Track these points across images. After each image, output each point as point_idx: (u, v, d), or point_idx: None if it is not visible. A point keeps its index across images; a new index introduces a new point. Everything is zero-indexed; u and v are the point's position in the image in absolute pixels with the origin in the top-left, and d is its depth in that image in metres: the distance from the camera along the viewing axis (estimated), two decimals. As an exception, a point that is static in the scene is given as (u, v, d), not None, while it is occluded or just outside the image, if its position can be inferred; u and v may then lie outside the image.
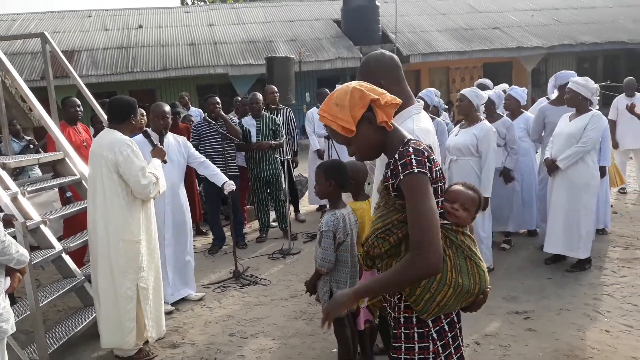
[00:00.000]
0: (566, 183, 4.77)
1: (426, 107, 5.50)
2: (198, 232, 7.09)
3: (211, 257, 6.11)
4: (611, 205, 6.76)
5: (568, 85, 4.82)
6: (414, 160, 1.68)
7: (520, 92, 5.88)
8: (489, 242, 4.94)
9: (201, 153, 6.08)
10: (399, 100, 1.82)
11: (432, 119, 5.51)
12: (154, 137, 4.43)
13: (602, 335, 3.69)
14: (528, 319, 4.00)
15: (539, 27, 18.69)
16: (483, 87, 6.46)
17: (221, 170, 5.77)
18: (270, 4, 20.82)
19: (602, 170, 5.68)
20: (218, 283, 5.21)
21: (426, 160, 1.70)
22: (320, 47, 16.66)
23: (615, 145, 7.80)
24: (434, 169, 1.74)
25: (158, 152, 4.04)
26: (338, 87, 6.29)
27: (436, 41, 17.38)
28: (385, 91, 1.84)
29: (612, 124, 7.82)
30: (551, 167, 4.83)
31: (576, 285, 4.61)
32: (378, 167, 2.31)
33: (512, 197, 5.42)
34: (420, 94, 5.57)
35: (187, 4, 26.54)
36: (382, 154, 1.89)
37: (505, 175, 5.32)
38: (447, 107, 6.67)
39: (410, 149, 1.71)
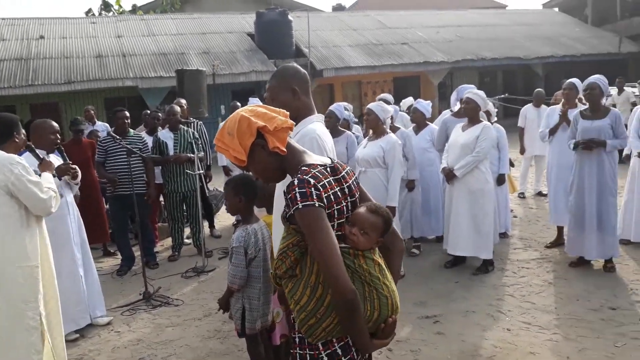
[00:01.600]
0: (464, 190, 5.06)
1: (337, 121, 5.61)
2: (106, 253, 6.75)
3: (119, 279, 5.83)
4: (511, 210, 7.21)
5: (467, 96, 5.10)
6: (298, 195, 1.68)
7: (425, 105, 6.15)
8: (399, 250, 5.09)
9: (107, 170, 5.85)
10: (291, 123, 1.85)
11: (343, 132, 5.64)
12: (41, 153, 4.18)
13: (504, 333, 3.91)
14: (437, 323, 4.16)
15: (444, 43, 19.68)
16: (385, 102, 6.74)
17: (128, 187, 5.57)
18: (181, 16, 20.42)
19: (502, 178, 6.07)
20: (127, 306, 4.98)
21: (312, 189, 1.68)
22: (234, 60, 16.53)
23: (522, 151, 8.36)
24: (327, 193, 1.72)
25: (47, 166, 3.76)
26: (251, 99, 6.27)
27: (348, 56, 17.81)
28: (276, 115, 1.84)
29: (521, 131, 8.39)
30: (449, 175, 5.10)
31: (481, 287, 4.85)
32: (279, 188, 2.36)
33: (412, 205, 5.69)
34: (330, 107, 5.66)
35: (93, 14, 25.40)
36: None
37: (409, 186, 5.57)
38: (357, 120, 6.83)
39: (295, 181, 1.71)
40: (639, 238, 5.54)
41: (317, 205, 1.67)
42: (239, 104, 7.24)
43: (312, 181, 1.70)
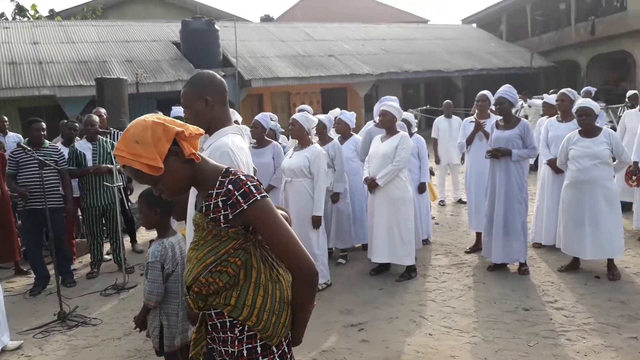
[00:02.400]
0: (385, 198, 5.18)
1: (263, 131, 5.59)
2: (18, 272, 6.33)
3: (32, 299, 5.47)
4: (433, 217, 7.46)
5: (382, 108, 5.24)
6: (252, 188, 1.69)
7: (349, 116, 6.26)
8: (324, 259, 5.12)
9: (19, 183, 5.51)
10: (201, 131, 1.79)
11: (269, 142, 5.62)
12: None
13: (426, 338, 4.01)
14: (362, 331, 4.20)
15: (369, 56, 20.18)
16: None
17: (41, 201, 5.26)
18: (103, 24, 19.70)
19: (423, 186, 6.28)
20: (39, 328, 4.67)
21: (260, 183, 1.74)
22: (159, 69, 16.14)
23: (438, 160, 8.66)
24: None
25: None
26: (174, 109, 6.09)
27: (276, 67, 17.86)
28: (186, 123, 1.80)
29: (435, 142, 8.70)
30: (371, 185, 5.20)
31: (404, 293, 4.97)
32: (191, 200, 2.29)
33: (338, 215, 5.77)
34: (256, 117, 5.64)
35: (6, 19, 23.95)
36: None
37: (333, 199, 5.64)
38: (283, 130, 6.84)
39: (243, 177, 1.71)
40: (550, 241, 5.85)
41: (267, 196, 1.73)
42: (160, 113, 7.04)
43: (255, 177, 1.77)
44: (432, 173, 7.89)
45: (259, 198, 1.68)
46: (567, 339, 3.86)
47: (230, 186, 1.69)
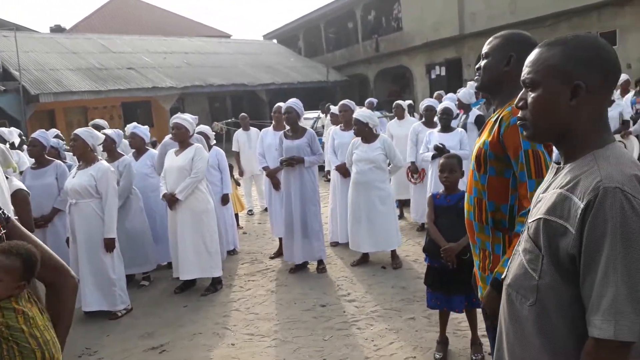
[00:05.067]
0: (188, 212, 5.09)
1: (42, 149, 5.10)
2: None
3: None
4: (240, 227, 7.55)
5: (174, 121, 5.17)
6: None
7: (144, 130, 6.02)
8: (122, 284, 4.82)
9: None
10: None
11: (51, 161, 5.14)
12: None
13: (229, 349, 4.02)
14: (164, 352, 4.05)
15: (172, 69, 19.73)
16: (98, 127, 6.52)
17: None
18: None
19: (226, 197, 6.31)
20: None
21: None
22: None
23: (241, 173, 8.78)
24: None
25: None
26: None
27: (68, 80, 16.45)
28: None
29: (237, 155, 8.79)
30: (171, 200, 5.06)
31: (209, 307, 4.91)
32: None
33: (134, 236, 5.46)
34: (33, 135, 5.11)
35: None
36: None
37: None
38: (68, 147, 6.31)
39: None
40: (345, 239, 6.31)
41: None
42: None
43: None
44: (238, 184, 8.01)
45: None
46: (357, 328, 4.19)
47: None
